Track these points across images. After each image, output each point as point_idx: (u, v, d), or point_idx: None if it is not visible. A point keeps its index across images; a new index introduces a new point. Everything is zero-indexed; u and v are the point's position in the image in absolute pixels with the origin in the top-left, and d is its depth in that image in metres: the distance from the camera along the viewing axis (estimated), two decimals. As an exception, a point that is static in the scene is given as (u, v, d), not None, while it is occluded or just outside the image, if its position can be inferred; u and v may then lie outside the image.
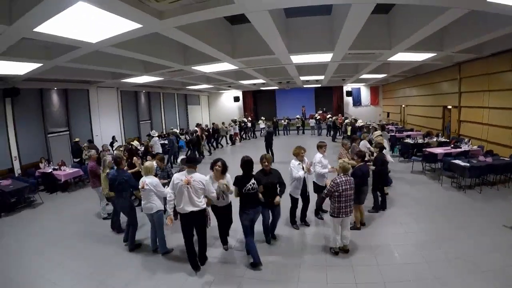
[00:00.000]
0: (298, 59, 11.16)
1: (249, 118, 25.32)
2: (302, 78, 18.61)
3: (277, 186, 5.75)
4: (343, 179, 5.40)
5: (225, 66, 11.69)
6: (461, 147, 11.07)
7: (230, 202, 5.78)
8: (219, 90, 26.84)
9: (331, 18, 8.86)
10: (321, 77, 18.83)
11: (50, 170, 10.78)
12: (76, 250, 6.31)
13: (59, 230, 7.37)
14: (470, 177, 8.76)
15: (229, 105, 30.51)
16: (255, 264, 5.25)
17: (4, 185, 9.14)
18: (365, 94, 28.89)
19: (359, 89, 28.65)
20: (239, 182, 5.22)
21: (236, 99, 29.91)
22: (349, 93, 28.64)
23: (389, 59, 11.69)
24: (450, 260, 5.24)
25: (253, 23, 6.52)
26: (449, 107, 15.54)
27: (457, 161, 9.31)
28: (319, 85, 25.63)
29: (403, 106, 22.81)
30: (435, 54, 10.79)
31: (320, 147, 6.91)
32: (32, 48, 7.80)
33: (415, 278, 4.79)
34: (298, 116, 26.20)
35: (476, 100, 12.67)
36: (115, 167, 6.33)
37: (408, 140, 13.64)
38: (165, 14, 5.57)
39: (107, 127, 16.01)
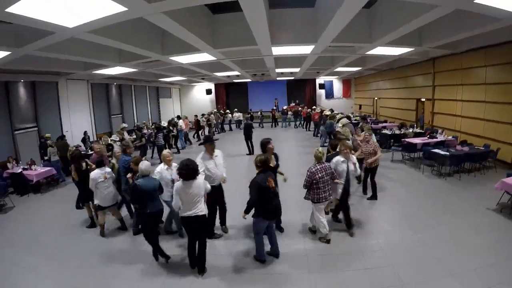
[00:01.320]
0: (279, 50, 11.00)
1: (221, 111, 25.16)
2: (278, 70, 18.47)
3: None
4: (318, 167, 5.58)
5: (204, 56, 11.26)
6: (437, 137, 11.77)
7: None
8: (191, 82, 26.24)
9: (314, 10, 8.78)
10: (297, 70, 18.79)
11: (19, 170, 9.86)
12: (61, 259, 5.70)
13: (37, 236, 6.69)
14: (450, 165, 9.36)
15: (201, 97, 29.89)
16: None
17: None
18: (337, 86, 29.54)
19: (331, 81, 29.21)
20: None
21: (209, 91, 29.33)
22: (321, 86, 29.19)
23: (367, 53, 11.88)
24: (445, 241, 5.65)
25: (244, 8, 6.17)
26: (423, 99, 16.29)
27: (437, 150, 9.79)
28: (292, 78, 25.91)
29: (376, 98, 23.60)
30: (413, 49, 11.19)
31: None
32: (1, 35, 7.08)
33: (417, 260, 5.09)
34: (274, 108, 26.46)
35: (450, 93, 13.35)
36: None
37: (386, 131, 14.04)
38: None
39: (77, 122, 15.05)
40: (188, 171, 4.64)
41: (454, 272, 4.68)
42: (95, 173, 6.31)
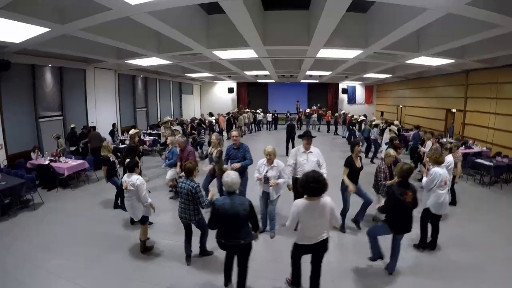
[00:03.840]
0: (324, 53, 10.60)
1: (253, 110, 24.26)
2: (309, 72, 18.20)
3: None
4: None
5: (248, 53, 10.75)
6: (473, 148, 11.94)
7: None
8: (214, 80, 25.64)
9: (367, 17, 8.87)
10: (327, 73, 18.52)
11: (47, 162, 9.04)
12: (102, 265, 5.12)
13: (72, 237, 6.06)
14: (495, 175, 9.49)
15: (221, 96, 29.31)
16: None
17: (-8, 181, 7.28)
18: (360, 92, 29.23)
19: (354, 87, 28.89)
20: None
21: (231, 90, 28.69)
22: (344, 91, 28.83)
23: (407, 62, 12.08)
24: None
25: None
26: (453, 110, 16.31)
27: (480, 161, 10.00)
28: (316, 81, 25.46)
29: (401, 106, 23.54)
30: (454, 61, 11.42)
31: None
32: (42, 9, 6.11)
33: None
34: (301, 110, 26.37)
35: (483, 105, 13.62)
36: None
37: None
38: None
39: (103, 114, 14.37)
40: (318, 184, 3.60)
41: None
42: (123, 178, 5.49)
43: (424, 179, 5.52)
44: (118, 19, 6.41)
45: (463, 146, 11.95)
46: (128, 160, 5.74)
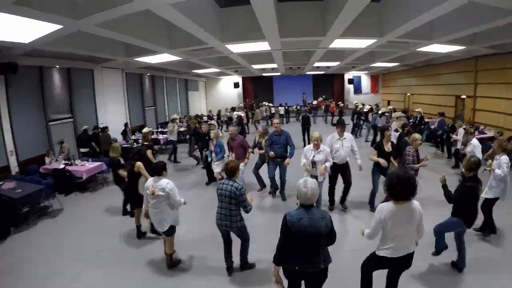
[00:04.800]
0: (337, 43, 10.47)
1: (269, 105, 23.71)
2: (317, 64, 18.13)
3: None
4: None
5: (261, 46, 10.50)
6: (486, 133, 12.14)
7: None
8: (219, 75, 25.38)
9: (379, 6, 8.69)
10: (335, 64, 18.47)
11: (62, 166, 8.82)
12: (132, 273, 4.89)
13: (100, 245, 5.79)
14: None
15: (227, 91, 29.06)
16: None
17: (7, 189, 6.97)
18: (365, 82, 29.22)
19: (359, 77, 28.83)
20: None
21: (236, 85, 28.49)
22: (350, 81, 28.75)
23: (421, 49, 12.13)
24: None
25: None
26: (463, 96, 16.41)
27: None
28: (322, 72, 25.32)
29: (408, 94, 23.56)
30: (464, 47, 11.50)
31: None
32: (53, 2, 5.58)
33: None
34: (309, 102, 26.38)
35: (493, 91, 13.67)
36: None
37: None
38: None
39: (112, 114, 14.14)
40: (408, 185, 3.08)
41: None
42: (148, 182, 4.91)
43: (498, 171, 5.23)
44: (129, 13, 6.12)
45: (476, 131, 11.92)
46: (155, 162, 5.22)
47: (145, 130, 9.86)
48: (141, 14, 6.47)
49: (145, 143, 8.76)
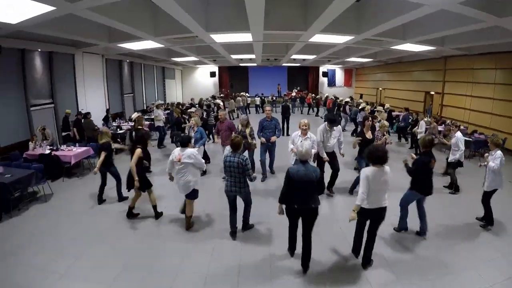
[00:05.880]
0: (317, 38, 10.95)
1: (246, 94, 24.25)
2: (294, 56, 18.61)
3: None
4: None
5: (244, 37, 10.85)
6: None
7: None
8: (196, 64, 25.31)
9: (358, 5, 9.04)
10: (311, 57, 19.03)
11: (48, 151, 8.63)
12: (155, 246, 5.35)
13: (99, 225, 5.99)
14: (475, 149, 11.10)
15: (203, 80, 29.01)
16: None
17: (-3, 175, 6.72)
18: (339, 75, 30.10)
19: (334, 70, 29.63)
20: None
21: (213, 74, 28.50)
22: (325, 74, 29.50)
23: (394, 47, 12.90)
24: None
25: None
26: (432, 92, 17.82)
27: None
28: (298, 65, 25.77)
29: (380, 89, 24.62)
30: (436, 48, 12.46)
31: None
32: None
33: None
34: (285, 93, 26.87)
35: (460, 89, 14.97)
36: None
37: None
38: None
39: (92, 100, 13.98)
40: (383, 154, 4.29)
41: None
42: (175, 151, 5.67)
43: (492, 164, 5.72)
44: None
45: (443, 125, 12.93)
46: (181, 135, 6.27)
47: (134, 115, 9.98)
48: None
49: (139, 127, 8.87)
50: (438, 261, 4.80)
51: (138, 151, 5.96)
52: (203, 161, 5.62)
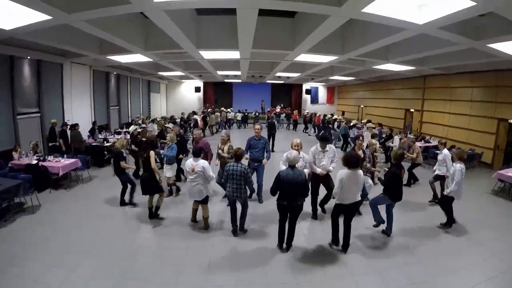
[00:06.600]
0: (303, 57, 11.47)
1: (226, 110, 24.70)
2: (279, 74, 19.05)
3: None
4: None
5: (232, 54, 11.28)
6: (431, 142, 13.92)
7: None
8: (182, 78, 25.45)
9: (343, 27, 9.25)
10: (296, 75, 19.41)
11: (35, 162, 8.47)
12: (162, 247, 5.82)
13: (92, 237, 6.00)
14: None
15: (188, 95, 29.14)
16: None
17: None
18: (322, 93, 30.84)
19: (317, 88, 30.33)
20: None
21: (197, 89, 28.62)
22: (308, 91, 30.15)
23: (377, 67, 13.54)
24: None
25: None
26: (412, 110, 18.52)
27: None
28: (282, 82, 26.28)
29: (362, 106, 25.29)
30: (415, 67, 13.18)
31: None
32: None
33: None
34: (268, 109, 27.36)
35: (438, 106, 15.78)
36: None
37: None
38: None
39: (78, 111, 13.81)
40: (356, 159, 5.27)
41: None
42: (188, 161, 6.15)
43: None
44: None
45: (422, 141, 13.90)
46: (194, 148, 6.73)
47: (132, 128, 10.31)
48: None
49: (143, 139, 9.21)
50: (404, 247, 5.89)
51: (153, 153, 6.65)
52: (212, 174, 6.08)
